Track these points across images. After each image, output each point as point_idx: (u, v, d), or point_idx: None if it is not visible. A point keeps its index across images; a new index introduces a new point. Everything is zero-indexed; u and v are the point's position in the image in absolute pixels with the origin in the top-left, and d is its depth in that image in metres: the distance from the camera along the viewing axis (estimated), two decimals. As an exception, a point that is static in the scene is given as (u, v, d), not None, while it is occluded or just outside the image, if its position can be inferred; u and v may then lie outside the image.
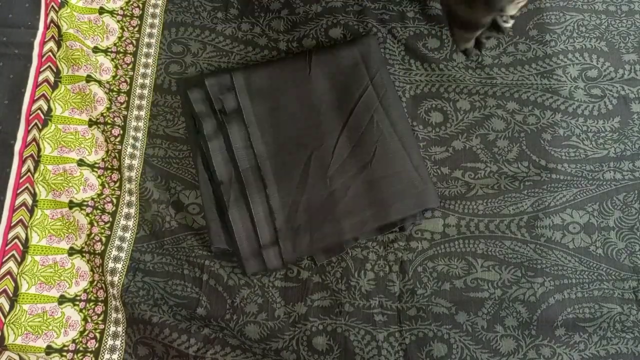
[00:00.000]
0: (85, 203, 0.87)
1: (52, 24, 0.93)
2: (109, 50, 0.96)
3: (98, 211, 0.87)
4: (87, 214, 0.87)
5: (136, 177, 0.89)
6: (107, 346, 0.81)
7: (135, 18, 0.98)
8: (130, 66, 0.95)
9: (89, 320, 0.83)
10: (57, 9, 0.93)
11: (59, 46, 0.92)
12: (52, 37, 0.92)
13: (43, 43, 0.92)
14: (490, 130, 0.93)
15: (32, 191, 0.85)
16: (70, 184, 0.87)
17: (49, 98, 0.90)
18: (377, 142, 0.88)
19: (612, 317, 0.84)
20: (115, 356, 0.81)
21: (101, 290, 0.84)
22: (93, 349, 0.81)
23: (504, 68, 0.96)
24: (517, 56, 0.97)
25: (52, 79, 0.91)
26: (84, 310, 0.83)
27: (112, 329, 0.82)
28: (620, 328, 0.84)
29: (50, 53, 0.92)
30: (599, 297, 0.86)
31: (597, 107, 0.94)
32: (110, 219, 0.87)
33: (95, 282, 0.84)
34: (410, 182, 0.87)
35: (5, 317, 0.80)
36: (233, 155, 0.88)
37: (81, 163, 0.89)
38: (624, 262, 0.87)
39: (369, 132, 0.89)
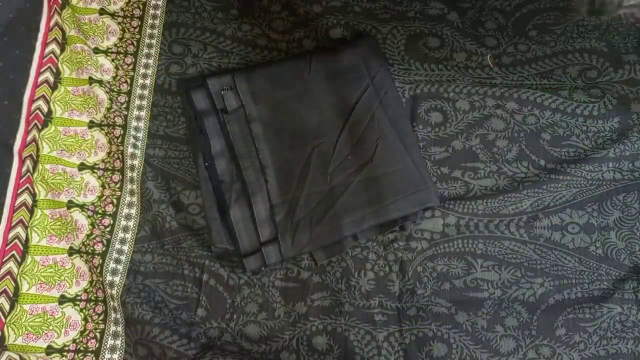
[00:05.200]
0: (86, 207, 0.87)
1: (56, 27, 0.93)
2: (110, 50, 0.96)
3: (99, 215, 0.87)
4: (89, 216, 0.87)
5: (137, 178, 0.89)
6: (108, 346, 0.81)
7: (135, 19, 0.98)
8: (130, 67, 0.96)
9: (90, 320, 0.83)
10: (59, 11, 0.93)
11: (62, 49, 0.93)
12: (55, 39, 0.93)
13: (45, 45, 0.93)
14: (490, 130, 0.93)
15: (32, 191, 0.85)
16: (71, 185, 0.87)
17: (48, 99, 0.90)
18: (377, 140, 0.88)
19: (612, 317, 0.84)
20: (115, 356, 0.81)
21: (100, 290, 0.84)
22: (93, 348, 0.81)
23: (504, 68, 0.96)
24: (517, 56, 0.97)
25: (52, 79, 0.91)
26: (84, 310, 0.83)
27: (113, 328, 0.82)
28: (620, 328, 0.84)
29: (52, 55, 0.92)
30: (599, 297, 0.86)
31: (597, 107, 0.94)
32: (111, 221, 0.87)
33: (95, 282, 0.84)
34: (411, 180, 0.87)
35: (5, 317, 0.80)
36: (234, 153, 0.88)
37: (82, 167, 0.89)
38: (624, 262, 0.87)
39: (369, 130, 0.89)
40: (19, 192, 0.85)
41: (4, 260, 0.82)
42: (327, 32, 0.98)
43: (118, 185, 0.89)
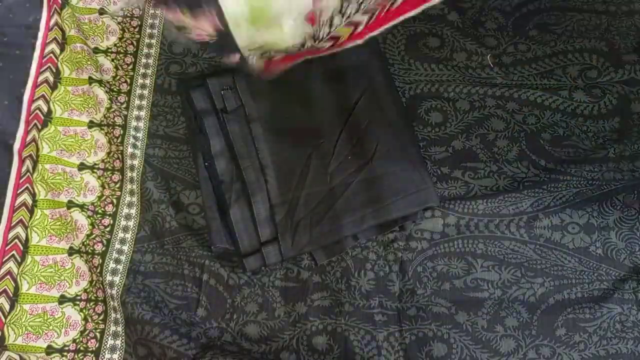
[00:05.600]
0: (86, 207, 0.87)
1: (55, 27, 0.93)
2: (109, 50, 0.96)
3: (99, 215, 0.87)
4: (88, 216, 0.87)
5: (137, 178, 0.89)
6: (108, 346, 0.81)
7: (135, 19, 0.98)
8: (130, 66, 0.96)
9: (89, 320, 0.83)
10: (59, 11, 0.93)
11: (62, 49, 0.92)
12: (55, 39, 0.92)
13: (45, 44, 0.92)
14: (490, 130, 0.93)
15: (32, 191, 0.85)
16: (70, 185, 0.87)
17: (48, 99, 0.90)
18: (377, 141, 0.88)
19: (612, 317, 0.84)
20: (115, 356, 0.81)
21: (100, 290, 0.84)
22: (93, 348, 0.81)
23: (504, 68, 0.96)
24: (517, 56, 0.97)
25: (51, 79, 0.91)
26: (84, 310, 0.83)
27: (113, 328, 0.82)
28: (620, 328, 0.84)
29: (51, 54, 0.92)
30: (599, 297, 0.86)
31: (597, 107, 0.94)
32: (111, 221, 0.87)
33: (95, 282, 0.84)
34: (411, 180, 0.87)
35: (5, 317, 0.80)
36: (234, 153, 0.88)
37: (82, 167, 0.89)
38: (624, 262, 0.87)
39: (369, 130, 0.89)
40: (18, 192, 0.85)
41: (3, 260, 0.82)
42: (327, 32, 0.97)
43: (118, 185, 0.89)
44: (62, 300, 0.83)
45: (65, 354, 0.81)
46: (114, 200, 0.88)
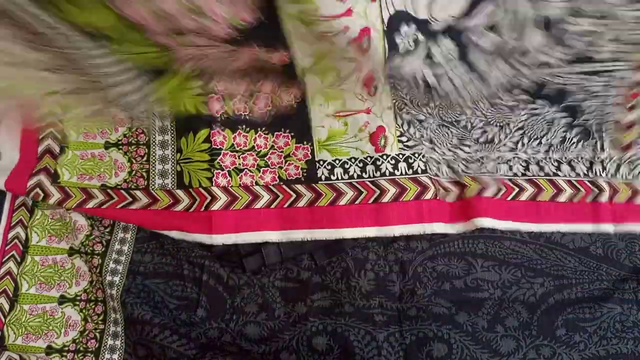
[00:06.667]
0: None
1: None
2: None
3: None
4: (88, 217, 0.87)
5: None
6: (107, 346, 0.81)
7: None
8: None
9: (89, 320, 0.83)
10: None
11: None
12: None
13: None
14: (490, 131, 0.93)
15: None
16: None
17: None
18: None
19: (612, 317, 0.84)
20: (115, 356, 0.81)
21: (100, 291, 0.84)
22: (93, 349, 0.81)
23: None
24: None
25: None
26: (84, 310, 0.83)
27: (112, 328, 0.82)
28: (620, 328, 0.84)
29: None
30: (599, 297, 0.86)
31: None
32: (111, 222, 0.87)
33: (94, 282, 0.84)
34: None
35: (5, 317, 0.80)
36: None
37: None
38: (624, 262, 0.87)
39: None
40: (18, 191, 0.86)
41: (3, 260, 0.82)
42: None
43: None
44: (62, 300, 0.83)
45: (64, 354, 0.81)
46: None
